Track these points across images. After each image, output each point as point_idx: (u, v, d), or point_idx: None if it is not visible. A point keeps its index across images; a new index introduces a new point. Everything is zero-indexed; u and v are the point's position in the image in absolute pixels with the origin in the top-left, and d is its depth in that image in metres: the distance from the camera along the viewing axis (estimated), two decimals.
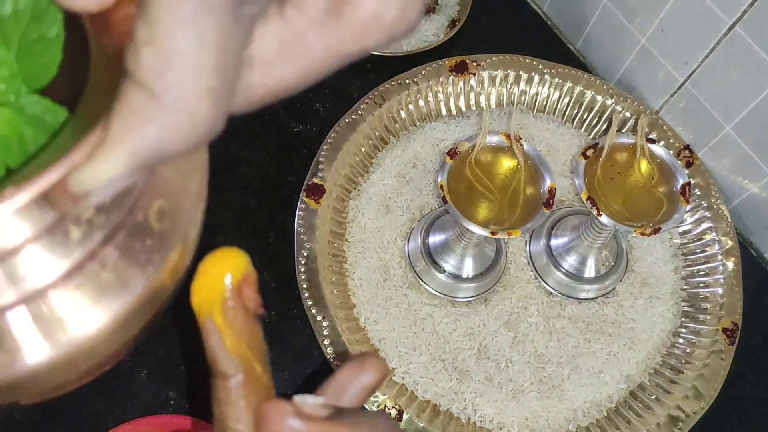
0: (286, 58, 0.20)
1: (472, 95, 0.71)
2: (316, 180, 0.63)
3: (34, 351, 0.20)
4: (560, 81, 0.71)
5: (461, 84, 0.71)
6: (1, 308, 0.20)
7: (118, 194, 0.19)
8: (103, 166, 0.18)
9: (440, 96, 0.71)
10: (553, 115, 0.72)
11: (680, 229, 0.67)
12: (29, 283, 0.20)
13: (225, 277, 0.30)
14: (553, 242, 0.64)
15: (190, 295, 0.31)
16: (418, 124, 0.70)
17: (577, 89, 0.71)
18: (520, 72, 0.71)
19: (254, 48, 0.19)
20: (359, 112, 0.67)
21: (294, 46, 0.20)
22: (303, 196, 0.63)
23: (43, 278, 0.20)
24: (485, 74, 0.71)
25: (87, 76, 0.21)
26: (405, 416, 0.56)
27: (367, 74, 0.74)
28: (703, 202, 0.66)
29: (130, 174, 0.18)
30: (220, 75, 0.18)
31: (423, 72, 0.70)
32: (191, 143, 0.18)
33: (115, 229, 0.21)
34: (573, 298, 0.63)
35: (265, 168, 0.67)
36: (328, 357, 0.57)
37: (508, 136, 0.56)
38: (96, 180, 0.18)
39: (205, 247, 0.67)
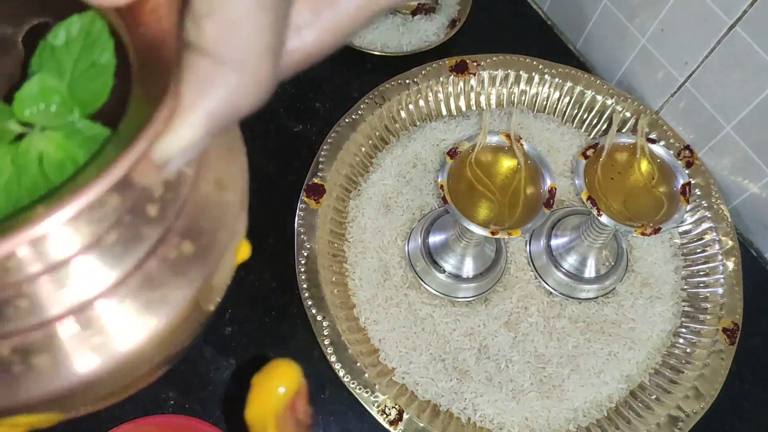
0: (321, 19, 0.21)
1: (473, 95, 0.71)
2: (316, 180, 0.63)
3: (84, 361, 0.20)
4: (560, 81, 0.71)
5: (461, 84, 0.71)
6: (52, 318, 0.20)
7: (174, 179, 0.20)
8: (182, 132, 0.19)
9: (440, 96, 0.70)
10: (554, 115, 0.72)
11: (680, 229, 0.67)
12: (82, 292, 0.20)
13: (279, 391, 0.31)
14: (554, 242, 0.64)
15: (244, 408, 0.31)
16: (418, 124, 0.70)
17: (578, 89, 0.71)
18: (521, 72, 0.71)
19: (291, 12, 0.20)
20: (359, 112, 0.67)
21: (327, 6, 0.21)
22: (303, 196, 0.63)
23: (95, 287, 0.20)
24: (485, 74, 0.71)
25: (129, 95, 0.21)
26: (405, 416, 0.56)
27: (367, 74, 0.74)
28: (703, 202, 0.66)
29: (206, 136, 0.20)
30: (276, 34, 0.19)
31: (423, 72, 0.70)
32: (256, 101, 0.20)
33: (163, 236, 0.21)
34: (573, 298, 0.63)
35: (265, 168, 0.67)
36: (328, 357, 0.57)
37: (508, 136, 0.56)
38: (177, 145, 0.19)
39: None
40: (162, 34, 0.20)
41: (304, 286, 0.59)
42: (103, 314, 0.20)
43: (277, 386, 0.31)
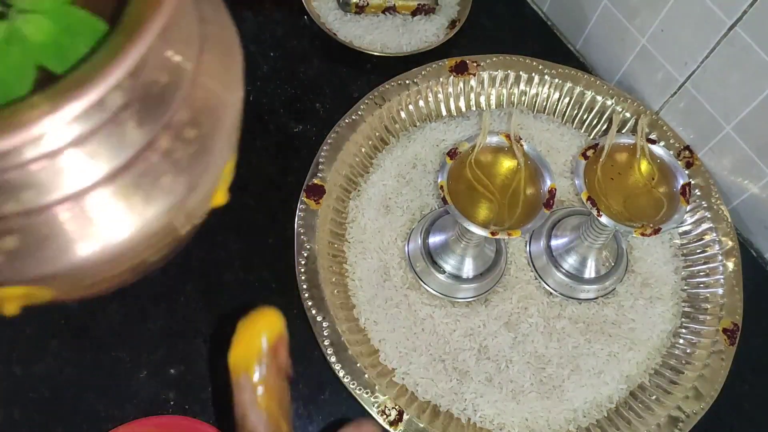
0: None
1: (472, 95, 0.71)
2: (316, 180, 0.63)
3: (83, 245, 0.22)
4: (560, 81, 0.71)
5: (461, 84, 0.71)
6: (52, 203, 0.21)
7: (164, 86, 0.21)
8: None
9: (440, 96, 0.70)
10: (553, 115, 0.72)
11: (680, 230, 0.67)
12: (80, 181, 0.21)
13: (262, 337, 0.32)
14: (554, 243, 0.64)
15: (228, 352, 0.32)
16: (418, 124, 0.70)
17: (577, 89, 0.71)
18: (520, 72, 0.71)
19: None
20: (359, 112, 0.67)
21: None
22: (303, 196, 0.63)
23: (91, 177, 0.21)
24: (485, 74, 0.71)
25: None
26: (405, 417, 0.56)
27: (367, 74, 0.74)
28: (703, 203, 0.66)
29: None
30: None
31: (423, 72, 0.70)
32: None
33: (160, 130, 0.22)
34: (573, 298, 0.63)
35: (264, 168, 0.67)
36: (328, 357, 0.57)
37: (508, 137, 0.56)
38: None
39: (208, 247, 0.67)
40: None
41: (304, 286, 0.59)
42: (102, 201, 0.21)
43: (261, 331, 0.33)
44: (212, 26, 0.28)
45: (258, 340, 0.33)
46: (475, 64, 0.71)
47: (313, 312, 0.58)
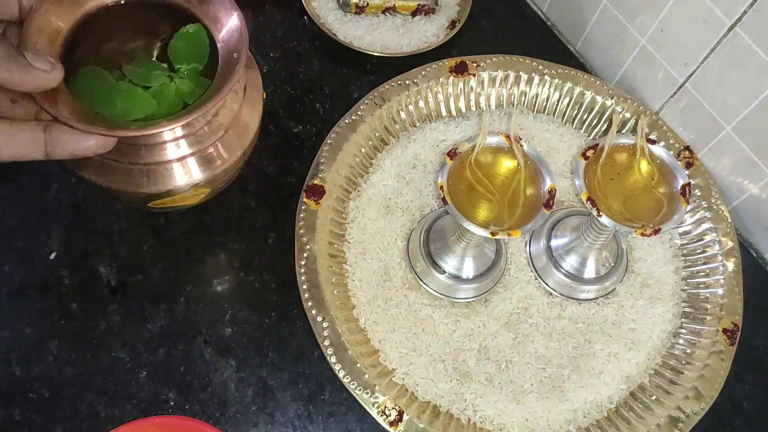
0: None
1: (472, 96, 0.71)
2: (316, 181, 0.63)
3: (181, 180, 0.49)
4: (560, 82, 0.71)
5: (461, 85, 0.71)
6: (171, 160, 0.49)
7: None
8: None
9: (440, 97, 0.71)
10: (553, 115, 0.72)
11: (680, 230, 0.67)
12: (181, 152, 0.49)
13: None
14: (553, 243, 0.64)
15: None
16: (418, 124, 0.70)
17: (577, 90, 0.71)
18: (520, 73, 0.71)
19: None
20: (359, 112, 0.67)
21: None
22: (303, 197, 0.63)
23: (185, 151, 0.49)
24: (485, 75, 0.71)
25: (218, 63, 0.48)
26: (405, 417, 0.56)
27: (366, 75, 0.74)
28: (703, 203, 0.67)
29: None
30: None
31: (423, 73, 0.70)
32: None
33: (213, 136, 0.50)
34: (573, 298, 0.63)
35: (264, 168, 0.67)
36: (328, 358, 0.57)
37: (508, 137, 0.56)
38: None
39: (208, 247, 0.67)
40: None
41: (304, 287, 0.59)
42: (187, 162, 0.49)
43: None
44: (250, 72, 0.54)
45: None
46: (475, 65, 0.71)
47: (313, 312, 0.58)
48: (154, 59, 0.52)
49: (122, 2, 0.49)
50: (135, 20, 0.50)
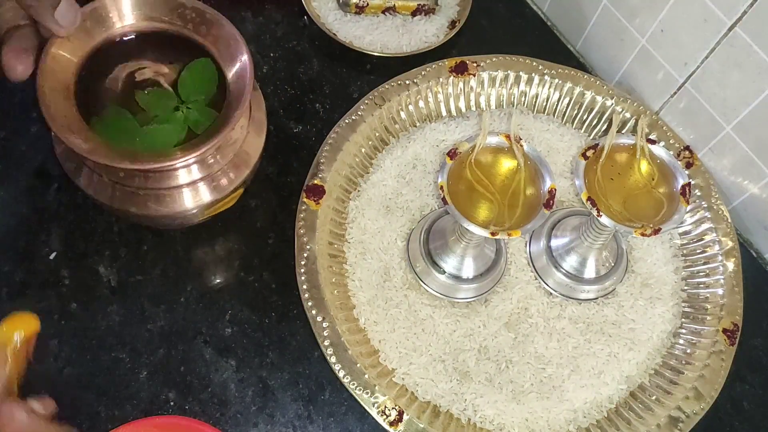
0: None
1: (472, 96, 0.71)
2: (316, 181, 0.63)
3: (189, 201, 0.53)
4: (560, 82, 0.71)
5: (461, 85, 0.71)
6: (178, 186, 0.52)
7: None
8: None
9: (440, 97, 0.71)
10: (553, 115, 0.72)
11: (680, 230, 0.67)
12: (194, 176, 0.52)
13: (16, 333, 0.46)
14: (554, 243, 0.64)
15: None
16: (418, 124, 0.70)
17: (577, 90, 0.71)
18: (520, 73, 0.71)
19: None
20: (359, 112, 0.67)
21: None
22: (303, 197, 0.63)
23: (195, 177, 0.53)
24: (485, 75, 0.71)
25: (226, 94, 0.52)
26: (405, 417, 0.56)
27: (367, 75, 0.74)
28: (703, 203, 0.67)
29: None
30: None
31: (423, 73, 0.70)
32: None
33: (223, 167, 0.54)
34: (573, 298, 0.63)
35: (264, 169, 0.67)
36: (328, 358, 0.57)
37: (508, 137, 0.56)
38: None
39: (208, 247, 0.67)
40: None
41: (304, 287, 0.59)
42: (197, 187, 0.53)
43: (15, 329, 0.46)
44: (254, 94, 0.57)
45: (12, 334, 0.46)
46: (475, 65, 0.71)
47: (313, 312, 0.58)
48: (165, 88, 0.54)
49: (133, 36, 0.52)
50: (147, 51, 0.54)
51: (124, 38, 0.52)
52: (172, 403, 0.57)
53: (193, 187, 0.52)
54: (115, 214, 0.54)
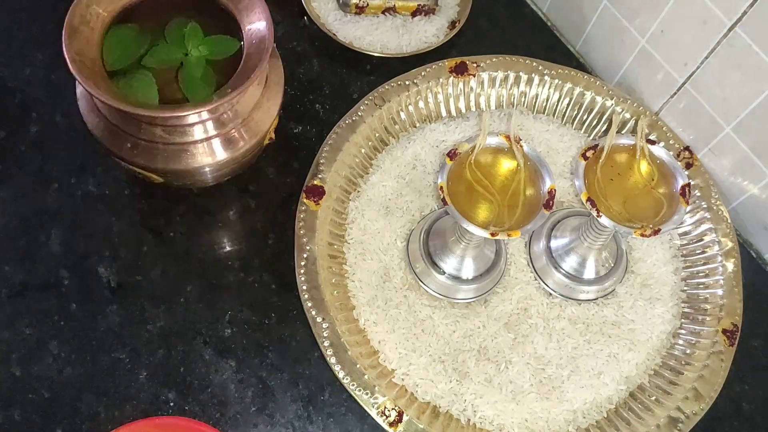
0: None
1: (472, 96, 0.71)
2: (315, 181, 0.63)
3: (207, 157, 0.56)
4: (560, 82, 0.71)
5: (461, 85, 0.71)
6: (196, 141, 0.56)
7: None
8: None
9: (440, 97, 0.70)
10: (553, 116, 0.72)
11: (680, 231, 0.67)
12: (210, 132, 0.57)
13: None
14: (553, 243, 0.64)
15: None
16: (417, 125, 0.70)
17: (577, 90, 0.71)
18: (520, 73, 0.71)
19: None
20: (359, 113, 0.67)
21: None
22: (303, 197, 0.63)
23: (210, 132, 0.57)
24: (485, 75, 0.71)
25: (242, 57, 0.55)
26: (405, 418, 0.56)
27: (366, 75, 0.74)
28: (702, 203, 0.67)
29: None
30: None
31: (423, 73, 0.70)
32: None
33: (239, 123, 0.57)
34: (573, 299, 0.63)
35: (264, 169, 0.67)
36: (328, 359, 0.57)
37: (508, 138, 0.56)
38: None
39: (208, 248, 0.67)
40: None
41: (304, 287, 0.59)
42: (212, 142, 0.56)
43: None
44: (274, 63, 0.61)
45: None
46: (474, 65, 0.71)
47: (313, 313, 0.58)
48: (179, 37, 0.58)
49: None
50: (171, 10, 0.58)
51: None
52: (171, 404, 0.57)
53: (207, 143, 0.56)
54: (133, 172, 0.57)
